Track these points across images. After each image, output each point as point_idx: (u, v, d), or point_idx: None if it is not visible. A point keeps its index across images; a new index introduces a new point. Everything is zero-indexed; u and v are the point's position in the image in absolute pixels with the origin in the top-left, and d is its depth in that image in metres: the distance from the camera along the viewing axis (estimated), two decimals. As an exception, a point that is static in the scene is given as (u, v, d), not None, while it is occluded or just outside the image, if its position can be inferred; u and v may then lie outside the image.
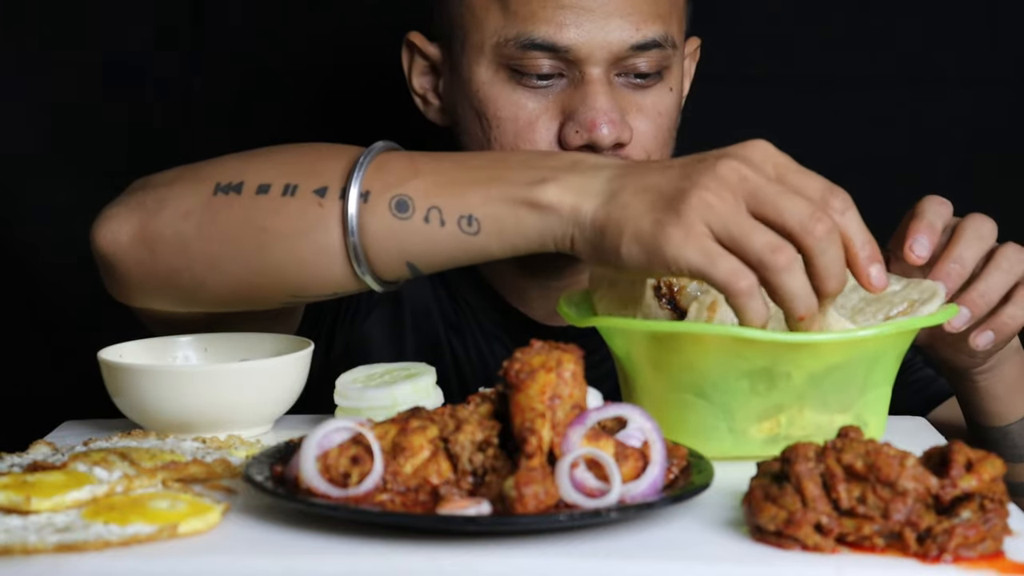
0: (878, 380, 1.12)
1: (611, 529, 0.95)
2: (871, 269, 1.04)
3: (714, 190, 1.04)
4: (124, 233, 1.25)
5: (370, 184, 1.17)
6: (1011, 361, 1.24)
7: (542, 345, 1.00)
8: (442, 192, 1.15)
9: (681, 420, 1.11)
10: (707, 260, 1.03)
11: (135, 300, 1.31)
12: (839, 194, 1.04)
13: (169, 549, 0.92)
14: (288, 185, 1.19)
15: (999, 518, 0.90)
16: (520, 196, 1.12)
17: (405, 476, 0.97)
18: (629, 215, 1.07)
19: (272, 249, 1.20)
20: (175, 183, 1.26)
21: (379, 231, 1.17)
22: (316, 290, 1.23)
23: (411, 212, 1.16)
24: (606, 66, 1.40)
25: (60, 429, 1.28)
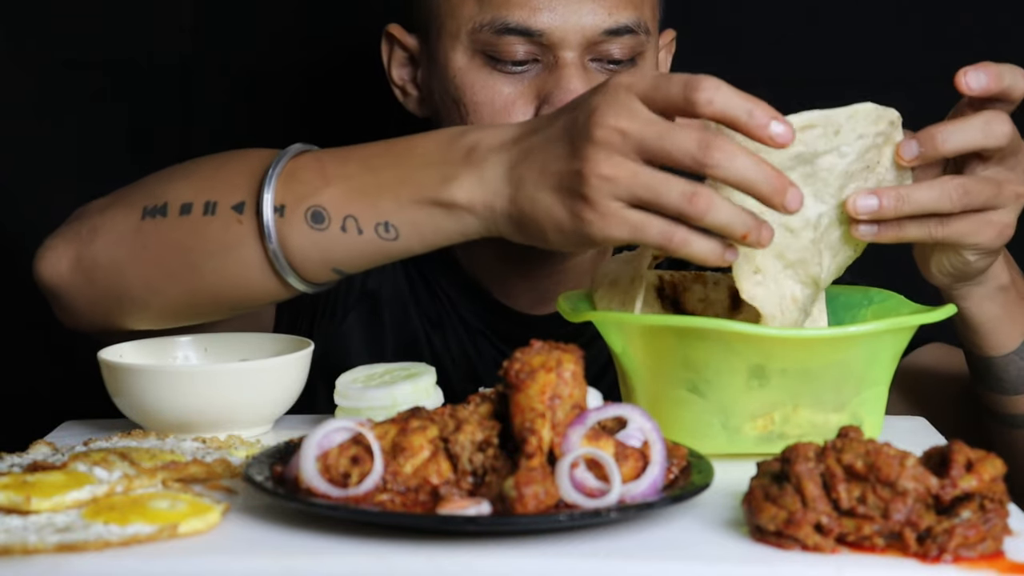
0: (874, 379, 1.12)
1: (611, 529, 0.95)
2: (771, 129, 1.03)
3: (604, 161, 1.05)
4: (63, 264, 1.28)
5: (283, 197, 1.19)
6: (993, 298, 1.23)
7: (542, 345, 1.00)
8: (354, 200, 1.17)
9: (676, 417, 1.11)
10: (634, 231, 1.06)
11: (85, 326, 1.33)
12: (703, 86, 1.03)
13: (169, 549, 0.92)
14: (208, 203, 1.22)
15: (999, 518, 0.90)
16: (430, 198, 1.14)
17: (405, 476, 0.97)
18: (540, 208, 1.09)
19: (202, 269, 1.23)
20: (107, 210, 1.28)
21: (299, 243, 1.19)
22: (251, 302, 1.26)
23: (327, 223, 1.18)
24: (580, 51, 1.42)
25: (60, 429, 1.28)
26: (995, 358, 1.28)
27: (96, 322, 1.32)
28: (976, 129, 1.11)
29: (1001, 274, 1.23)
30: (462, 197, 1.13)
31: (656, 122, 1.05)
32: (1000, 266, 1.23)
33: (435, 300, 1.60)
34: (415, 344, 1.59)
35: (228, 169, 1.25)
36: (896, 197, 1.10)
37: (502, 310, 1.58)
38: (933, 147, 1.11)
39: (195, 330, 1.33)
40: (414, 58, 1.54)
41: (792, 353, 1.09)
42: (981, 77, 1.11)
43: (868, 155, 1.10)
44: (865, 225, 1.11)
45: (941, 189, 1.11)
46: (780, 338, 1.08)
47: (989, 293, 1.23)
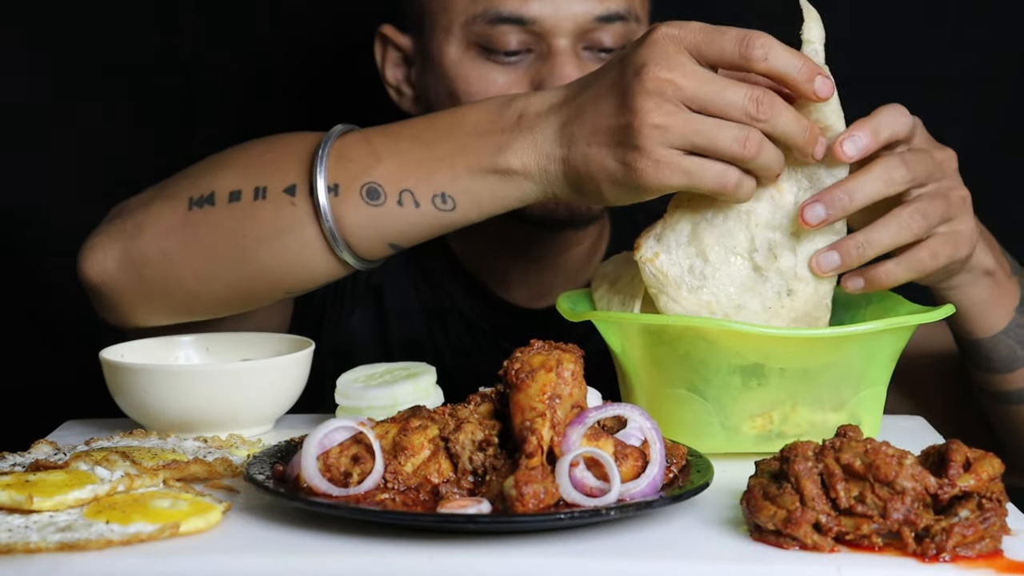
0: (873, 378, 1.13)
1: (611, 528, 0.95)
2: (815, 85, 1.08)
3: (655, 110, 1.07)
4: (110, 261, 1.27)
5: (336, 176, 1.20)
6: (979, 284, 1.23)
7: (542, 345, 1.00)
8: (409, 174, 1.18)
9: (674, 415, 1.12)
10: (689, 177, 1.08)
11: (133, 320, 1.32)
12: (756, 43, 1.08)
13: (171, 548, 0.92)
14: (258, 188, 1.22)
15: (997, 517, 0.90)
16: (486, 166, 1.16)
17: (405, 475, 0.97)
18: (594, 164, 1.11)
19: (256, 253, 1.23)
20: (151, 204, 1.28)
21: (355, 221, 1.20)
22: (308, 283, 1.26)
23: (383, 199, 1.19)
24: (573, 39, 1.43)
25: (62, 428, 1.28)
26: (984, 339, 1.28)
27: (144, 317, 1.31)
28: (877, 181, 1.11)
29: (985, 260, 1.23)
30: (517, 163, 1.15)
31: (707, 77, 1.08)
32: (982, 252, 1.22)
33: (436, 295, 1.61)
34: (418, 338, 1.60)
35: (274, 154, 1.25)
36: (856, 246, 1.11)
37: (500, 304, 1.59)
38: (841, 208, 1.11)
39: (196, 329, 1.33)
40: (408, 58, 1.55)
41: (791, 352, 1.09)
42: (858, 142, 1.11)
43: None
44: (851, 282, 1.13)
45: (898, 223, 1.11)
46: (779, 337, 1.08)
47: (975, 279, 1.23)
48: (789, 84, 1.08)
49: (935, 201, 1.12)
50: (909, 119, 1.14)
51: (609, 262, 1.24)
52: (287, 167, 1.22)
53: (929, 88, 1.84)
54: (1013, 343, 1.28)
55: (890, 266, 1.13)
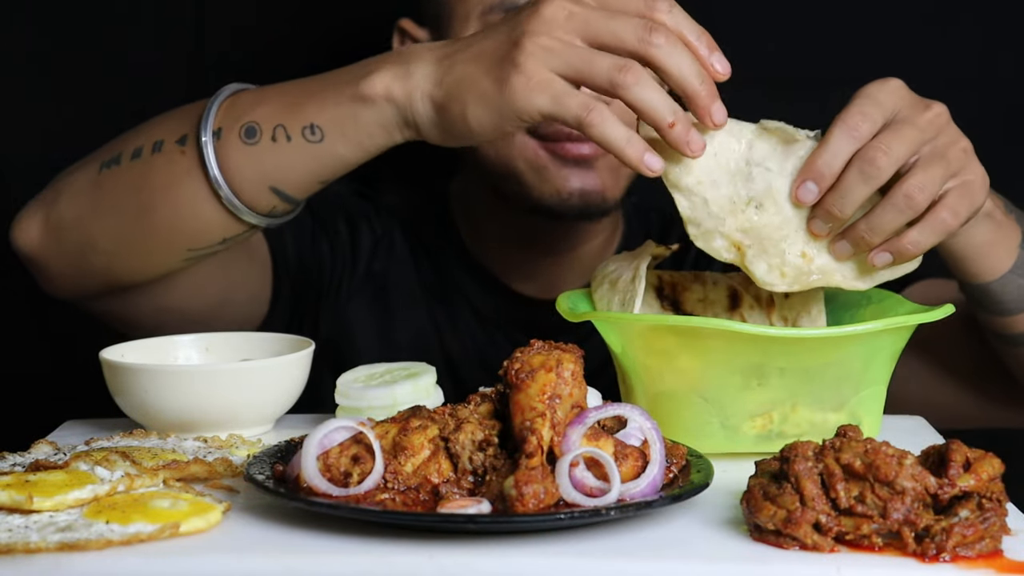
0: (873, 378, 1.13)
1: (611, 528, 0.95)
2: (712, 59, 1.08)
3: (545, 32, 1.07)
4: (33, 228, 1.34)
5: (221, 121, 1.24)
6: (980, 226, 1.22)
7: (542, 345, 1.00)
8: (284, 111, 1.21)
9: (674, 415, 1.12)
10: (554, 101, 1.07)
11: (66, 290, 1.38)
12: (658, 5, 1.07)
13: (171, 548, 0.92)
14: (156, 143, 1.27)
15: (997, 517, 0.90)
16: (350, 93, 1.17)
17: (405, 475, 0.97)
18: (466, 84, 1.11)
19: (153, 205, 1.27)
20: (70, 172, 1.34)
21: (235, 161, 1.23)
22: (205, 238, 1.28)
23: (259, 136, 1.22)
24: None
25: (62, 428, 1.28)
26: (993, 282, 1.26)
27: (73, 284, 1.36)
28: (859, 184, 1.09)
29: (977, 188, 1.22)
30: (380, 88, 1.16)
31: (603, 7, 1.07)
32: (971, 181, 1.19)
33: (443, 284, 1.61)
34: (423, 328, 1.60)
35: (175, 114, 1.29)
36: (863, 233, 1.10)
37: (511, 295, 1.60)
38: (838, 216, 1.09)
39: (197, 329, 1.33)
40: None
41: (791, 352, 1.09)
42: (811, 189, 1.09)
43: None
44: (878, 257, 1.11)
45: (893, 207, 1.09)
46: (779, 337, 1.08)
47: (975, 223, 1.22)
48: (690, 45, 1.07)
49: (931, 167, 1.10)
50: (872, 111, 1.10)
51: (610, 261, 1.24)
52: (183, 122, 1.26)
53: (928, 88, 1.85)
54: (1022, 281, 1.27)
55: (913, 235, 1.10)
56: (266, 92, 1.25)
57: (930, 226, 1.10)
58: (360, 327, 1.60)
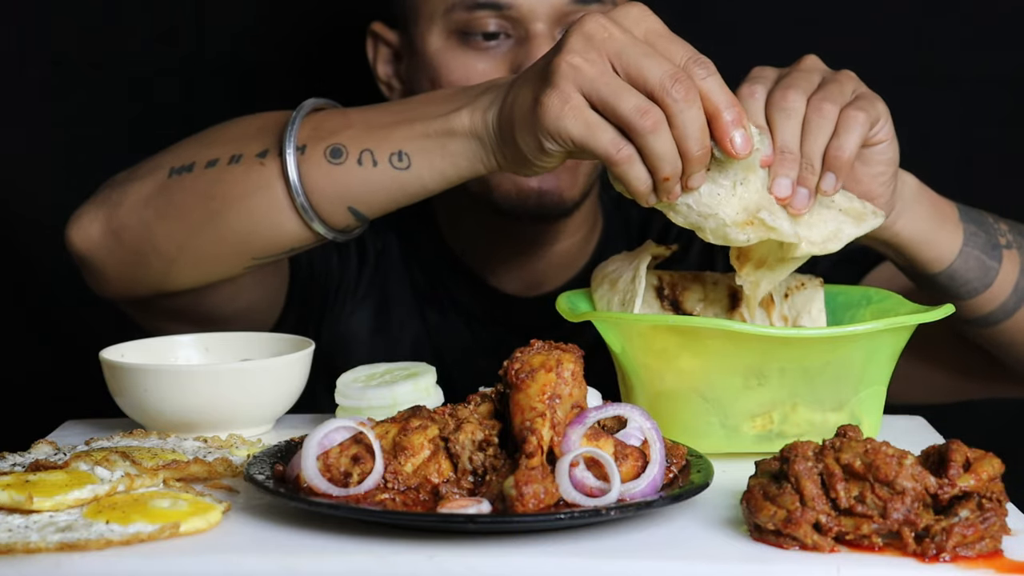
0: (873, 378, 1.13)
1: (611, 528, 0.95)
2: (734, 134, 1.07)
3: (580, 51, 1.08)
4: (94, 229, 1.33)
5: (305, 138, 1.25)
6: (917, 203, 1.24)
7: (542, 345, 1.00)
8: (372, 135, 1.23)
9: (674, 415, 1.12)
10: (588, 131, 1.08)
11: (116, 291, 1.38)
12: (704, 62, 1.08)
13: (171, 548, 0.92)
14: (234, 155, 1.27)
15: (997, 517, 0.90)
16: (440, 127, 1.19)
17: (405, 475, 0.97)
18: (517, 105, 1.13)
19: (225, 215, 1.27)
20: (134, 175, 1.34)
21: (318, 179, 1.24)
22: (274, 247, 1.29)
23: (345, 157, 1.23)
24: (550, 23, 1.46)
25: (62, 428, 1.28)
26: (954, 263, 1.27)
27: (127, 286, 1.36)
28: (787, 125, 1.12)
29: (909, 178, 1.24)
30: (466, 121, 1.18)
31: (637, 45, 1.08)
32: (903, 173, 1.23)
33: (432, 286, 1.63)
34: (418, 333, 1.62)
35: (255, 126, 1.30)
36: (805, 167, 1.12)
37: (494, 293, 1.62)
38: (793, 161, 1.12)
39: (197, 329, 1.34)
40: (398, 53, 1.58)
41: (790, 352, 1.09)
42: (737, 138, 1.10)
43: None
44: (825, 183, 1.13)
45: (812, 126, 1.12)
46: (779, 337, 1.08)
47: (914, 200, 1.24)
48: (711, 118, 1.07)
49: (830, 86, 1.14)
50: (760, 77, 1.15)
51: (610, 261, 1.24)
52: (263, 136, 1.27)
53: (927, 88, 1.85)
54: (977, 252, 1.28)
55: (835, 141, 1.12)
56: (351, 115, 1.26)
57: (845, 127, 1.13)
58: (358, 339, 1.61)
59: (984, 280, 1.29)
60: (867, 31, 1.87)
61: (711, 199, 1.10)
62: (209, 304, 1.40)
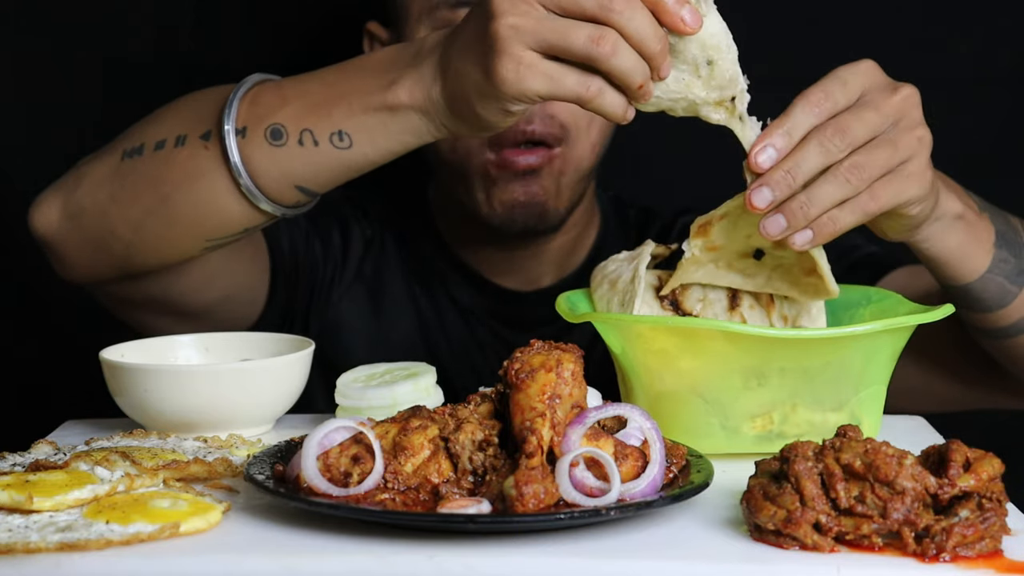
0: (873, 378, 1.13)
1: (611, 528, 0.95)
2: (682, 13, 1.07)
3: (511, 11, 1.07)
4: (53, 213, 1.35)
5: (245, 119, 1.24)
6: (953, 230, 1.22)
7: (542, 345, 1.00)
8: (309, 114, 1.22)
9: (675, 416, 1.12)
10: (551, 83, 1.08)
11: (81, 275, 1.39)
12: None
13: (171, 548, 0.92)
14: (179, 136, 1.28)
15: (997, 517, 0.90)
16: (378, 102, 1.18)
17: (405, 475, 0.97)
18: (463, 80, 1.12)
19: (175, 198, 1.28)
20: (91, 159, 1.35)
21: (260, 160, 1.24)
22: (226, 229, 1.29)
23: (285, 139, 1.23)
24: None
25: (62, 428, 1.28)
26: (973, 282, 1.27)
27: (90, 269, 1.37)
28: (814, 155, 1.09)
29: (951, 204, 1.22)
30: (405, 97, 1.17)
31: None
32: (947, 197, 1.21)
33: (429, 281, 1.64)
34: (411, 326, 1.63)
35: (197, 104, 1.30)
36: (800, 205, 1.09)
37: (493, 289, 1.63)
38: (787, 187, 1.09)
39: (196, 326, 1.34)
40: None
41: (790, 353, 1.09)
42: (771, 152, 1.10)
43: None
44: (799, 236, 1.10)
45: (835, 179, 1.09)
46: (778, 339, 1.08)
47: (948, 225, 1.22)
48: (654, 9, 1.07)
49: (877, 151, 1.10)
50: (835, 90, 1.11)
51: (610, 261, 1.24)
52: (205, 115, 1.27)
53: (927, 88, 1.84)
54: (1001, 279, 1.27)
55: (835, 211, 1.10)
56: (287, 90, 1.25)
57: (851, 205, 1.10)
58: (350, 327, 1.62)
59: (1000, 302, 1.29)
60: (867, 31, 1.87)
61: (677, 85, 1.10)
62: (179, 291, 1.40)
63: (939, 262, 1.24)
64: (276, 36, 1.90)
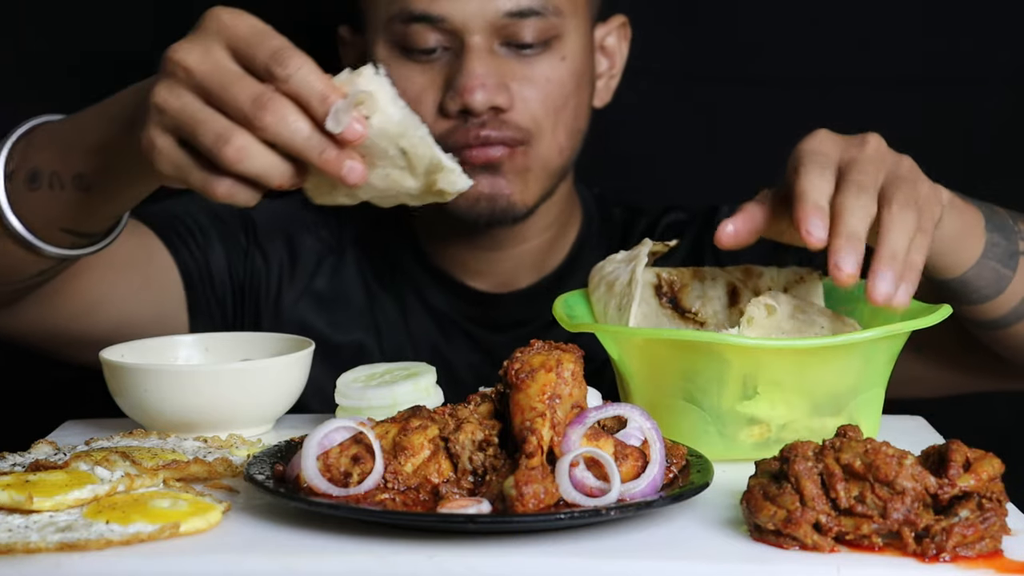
0: (870, 382, 1.12)
1: (611, 528, 0.95)
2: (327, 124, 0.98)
3: (162, 91, 1.02)
4: None
5: (17, 162, 1.21)
6: (947, 216, 1.20)
7: (542, 345, 1.00)
8: (58, 157, 1.18)
9: (672, 424, 1.11)
10: (178, 172, 1.02)
11: None
12: (285, 61, 0.99)
13: (171, 548, 0.92)
14: None
15: (997, 517, 0.90)
16: (115, 145, 1.12)
17: (405, 475, 0.97)
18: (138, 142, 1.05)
19: None
20: None
21: (24, 205, 1.21)
22: (17, 273, 1.26)
23: (40, 182, 1.19)
24: (486, 35, 1.45)
25: (62, 428, 1.28)
26: (968, 271, 1.26)
27: None
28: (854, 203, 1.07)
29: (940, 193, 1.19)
30: (135, 143, 1.08)
31: (222, 69, 1.00)
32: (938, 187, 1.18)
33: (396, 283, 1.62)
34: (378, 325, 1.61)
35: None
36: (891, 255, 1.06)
37: (467, 292, 1.61)
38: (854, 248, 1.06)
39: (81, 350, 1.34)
40: (363, 56, 1.57)
41: (786, 364, 1.08)
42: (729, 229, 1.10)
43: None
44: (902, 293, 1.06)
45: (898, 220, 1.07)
46: (774, 349, 1.07)
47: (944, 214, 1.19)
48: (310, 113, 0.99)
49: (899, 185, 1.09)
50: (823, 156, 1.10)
51: (607, 262, 1.24)
52: None
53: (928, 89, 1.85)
54: (994, 263, 1.27)
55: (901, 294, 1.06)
56: (53, 132, 1.21)
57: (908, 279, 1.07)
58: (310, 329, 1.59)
59: (996, 287, 1.29)
60: (868, 32, 1.87)
61: (385, 182, 1.03)
62: (64, 318, 1.38)
63: (937, 253, 1.24)
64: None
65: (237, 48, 1.01)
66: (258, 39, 1.01)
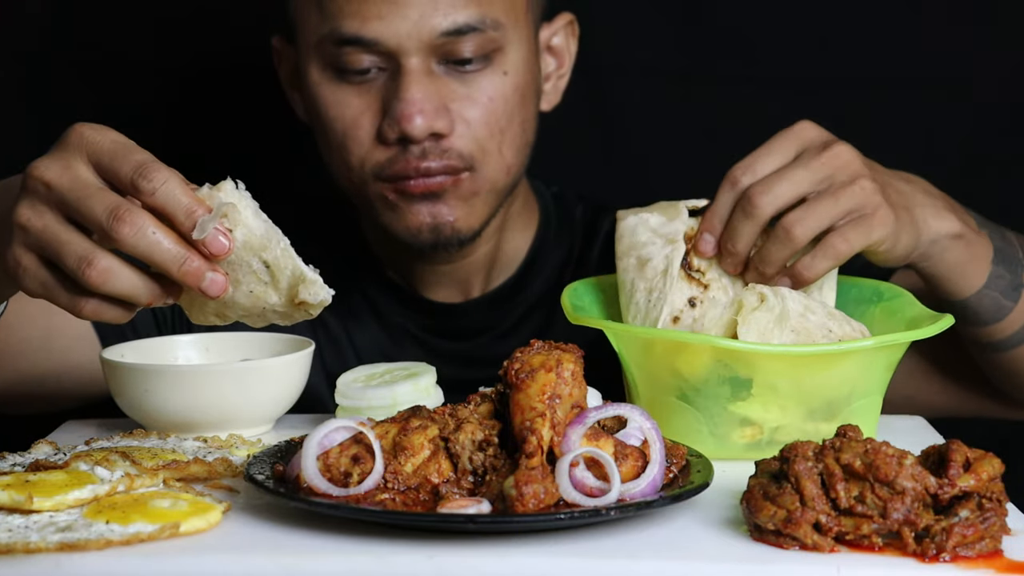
0: (867, 389, 1.12)
1: (611, 528, 0.95)
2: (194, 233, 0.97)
3: (24, 209, 0.99)
4: None
5: None
6: (950, 248, 1.24)
7: (542, 345, 1.00)
8: None
9: (666, 421, 1.11)
10: (46, 291, 1.00)
11: None
12: (150, 175, 0.97)
13: (171, 548, 0.92)
14: None
15: (997, 517, 0.90)
16: None
17: (405, 475, 0.97)
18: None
19: None
20: None
21: None
22: None
23: None
24: (422, 56, 1.38)
25: (62, 428, 1.28)
26: (969, 298, 1.29)
27: None
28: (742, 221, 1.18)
29: (948, 226, 1.24)
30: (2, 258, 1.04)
31: (81, 183, 0.98)
32: (944, 220, 1.23)
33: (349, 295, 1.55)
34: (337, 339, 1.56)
35: None
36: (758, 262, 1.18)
37: (423, 302, 1.55)
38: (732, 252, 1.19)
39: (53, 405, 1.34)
40: (298, 70, 1.50)
41: (781, 369, 1.08)
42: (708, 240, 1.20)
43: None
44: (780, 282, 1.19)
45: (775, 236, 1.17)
46: (769, 354, 1.07)
47: (946, 247, 1.24)
48: (176, 228, 0.97)
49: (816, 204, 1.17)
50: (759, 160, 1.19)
51: (640, 227, 1.23)
52: None
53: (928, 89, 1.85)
54: (996, 294, 1.29)
55: (806, 259, 1.17)
56: None
57: (822, 251, 1.17)
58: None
59: (995, 316, 1.31)
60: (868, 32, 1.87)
61: (249, 299, 1.01)
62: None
63: (938, 279, 1.27)
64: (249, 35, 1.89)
65: (100, 162, 0.99)
66: (122, 153, 0.98)
